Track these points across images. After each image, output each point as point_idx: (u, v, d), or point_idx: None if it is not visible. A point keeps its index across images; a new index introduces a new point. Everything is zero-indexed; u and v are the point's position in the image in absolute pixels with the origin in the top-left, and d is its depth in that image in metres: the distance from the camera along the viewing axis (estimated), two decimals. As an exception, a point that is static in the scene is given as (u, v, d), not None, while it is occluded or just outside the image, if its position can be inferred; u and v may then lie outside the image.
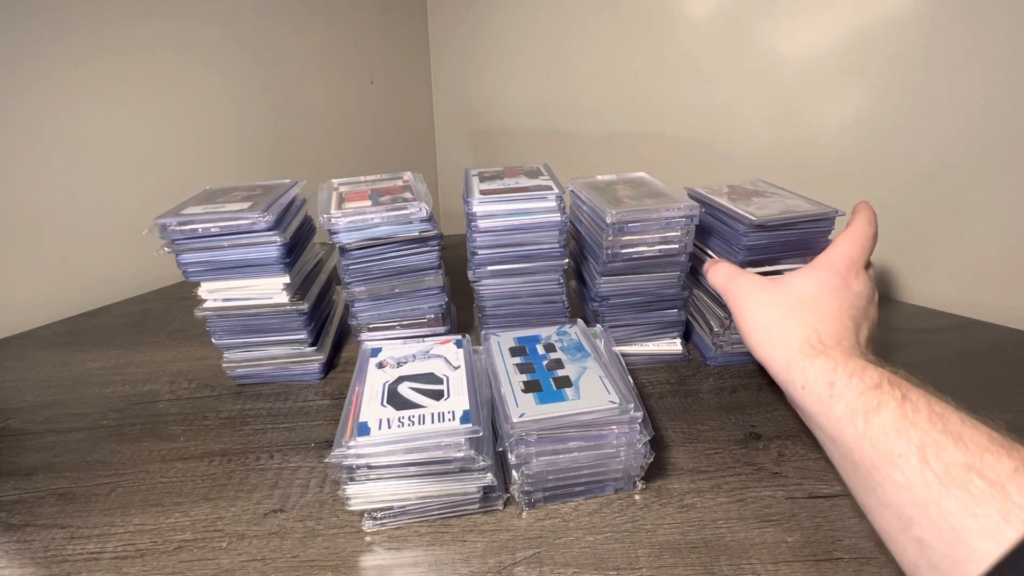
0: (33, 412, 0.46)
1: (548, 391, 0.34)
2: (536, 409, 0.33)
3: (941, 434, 0.24)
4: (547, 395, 0.34)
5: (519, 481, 0.33)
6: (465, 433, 0.32)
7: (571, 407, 0.33)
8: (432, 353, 0.39)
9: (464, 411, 0.33)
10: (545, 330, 0.42)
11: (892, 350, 0.52)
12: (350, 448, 0.31)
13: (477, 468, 0.33)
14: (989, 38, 0.53)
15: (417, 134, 1.16)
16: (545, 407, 0.33)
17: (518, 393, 0.34)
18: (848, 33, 0.61)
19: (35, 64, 0.59)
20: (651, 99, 0.83)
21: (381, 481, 0.32)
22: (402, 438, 0.32)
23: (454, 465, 0.32)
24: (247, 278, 0.45)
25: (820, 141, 0.67)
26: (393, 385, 0.36)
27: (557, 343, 0.40)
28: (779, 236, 0.44)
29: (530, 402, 0.33)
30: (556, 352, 0.39)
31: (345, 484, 0.32)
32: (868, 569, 0.30)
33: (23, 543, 0.33)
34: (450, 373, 0.37)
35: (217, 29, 0.76)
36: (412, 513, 0.34)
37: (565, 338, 0.41)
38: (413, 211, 0.43)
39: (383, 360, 0.39)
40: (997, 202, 0.57)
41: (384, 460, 0.32)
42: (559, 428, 0.32)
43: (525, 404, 0.33)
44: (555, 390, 0.34)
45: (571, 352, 0.38)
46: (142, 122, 0.69)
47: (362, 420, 0.32)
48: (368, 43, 1.00)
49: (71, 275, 0.65)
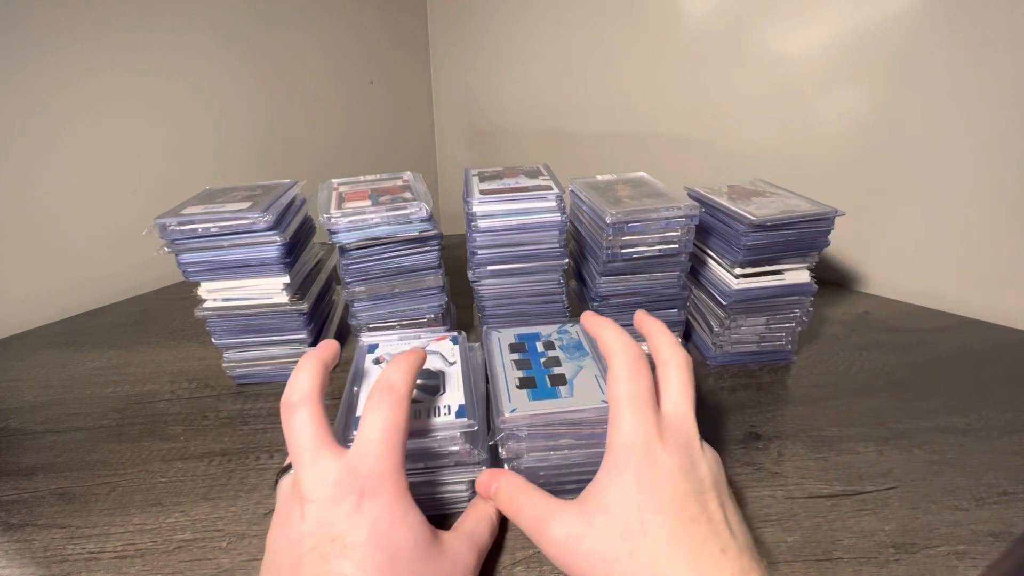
0: (33, 412, 0.46)
1: (542, 388, 0.34)
2: (528, 405, 0.33)
3: None
4: (540, 392, 0.34)
5: None
6: (461, 427, 0.32)
7: (563, 404, 0.33)
8: (428, 349, 0.39)
9: (460, 405, 0.33)
10: (546, 328, 0.42)
11: (892, 350, 0.52)
12: (348, 442, 0.31)
13: (472, 462, 0.33)
14: (989, 38, 0.53)
15: (417, 134, 1.16)
16: (537, 403, 0.33)
17: (512, 389, 0.34)
18: (848, 33, 0.61)
19: (35, 65, 0.59)
20: (651, 99, 0.83)
21: None
22: None
23: (450, 459, 0.32)
24: (247, 278, 0.45)
25: (820, 141, 0.67)
26: None
27: (556, 341, 0.40)
28: (779, 236, 0.44)
29: (523, 398, 0.33)
30: (555, 350, 0.39)
31: None
32: (868, 569, 0.30)
33: (23, 543, 0.33)
34: (446, 369, 0.37)
35: (217, 29, 0.76)
36: None
37: (565, 336, 0.41)
38: (413, 211, 0.43)
39: (380, 356, 0.39)
40: (997, 202, 0.57)
41: None
42: (549, 424, 0.32)
43: (518, 399, 0.33)
44: (549, 387, 0.34)
45: (570, 351, 0.38)
46: (142, 122, 0.69)
47: (358, 415, 0.32)
48: (368, 43, 1.00)
49: (71, 275, 0.65)
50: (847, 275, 0.68)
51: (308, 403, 0.28)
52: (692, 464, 0.28)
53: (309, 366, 0.29)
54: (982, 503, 0.34)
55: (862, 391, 0.46)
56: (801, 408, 0.44)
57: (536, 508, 0.29)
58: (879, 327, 0.57)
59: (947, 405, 0.43)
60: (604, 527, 0.26)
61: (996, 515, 0.33)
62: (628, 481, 0.27)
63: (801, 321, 0.48)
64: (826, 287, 0.58)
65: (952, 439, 0.40)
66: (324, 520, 0.25)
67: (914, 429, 0.41)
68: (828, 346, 0.53)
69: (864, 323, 0.58)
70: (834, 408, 0.44)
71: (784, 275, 0.47)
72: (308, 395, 0.28)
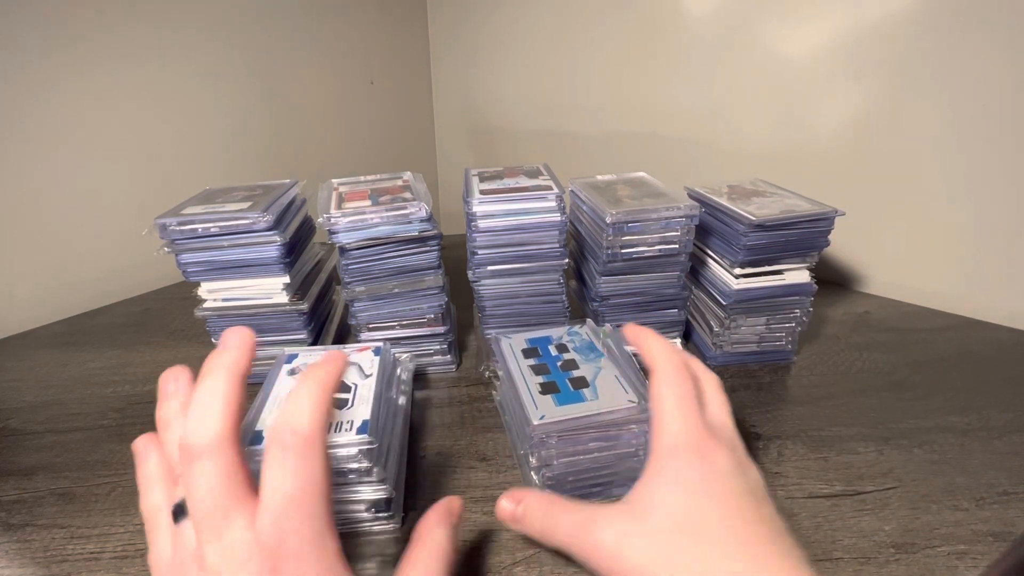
0: (33, 412, 0.46)
1: (566, 392, 0.34)
2: (556, 411, 0.32)
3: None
4: (565, 396, 0.34)
5: (540, 484, 0.33)
6: (360, 444, 0.31)
7: (591, 407, 0.32)
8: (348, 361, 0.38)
9: (364, 421, 0.32)
10: (555, 331, 0.42)
11: (892, 350, 0.52)
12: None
13: (372, 480, 0.31)
14: (989, 38, 0.53)
15: (417, 134, 1.16)
16: (565, 408, 0.33)
17: (536, 395, 0.34)
18: (848, 33, 0.61)
19: (35, 65, 0.59)
20: (651, 99, 0.83)
21: None
22: None
23: (348, 477, 0.31)
24: (247, 278, 0.45)
25: (820, 141, 0.67)
26: None
27: (569, 343, 0.40)
28: (779, 236, 0.44)
29: (549, 404, 0.33)
30: (569, 352, 0.38)
31: None
32: (868, 569, 0.30)
33: (23, 543, 0.33)
34: (360, 381, 0.36)
35: (217, 29, 0.76)
36: None
37: (576, 338, 0.40)
38: (413, 211, 0.43)
39: (296, 367, 0.37)
40: (997, 202, 0.56)
41: None
42: (580, 429, 0.32)
43: (545, 406, 0.33)
44: (572, 391, 0.34)
45: (584, 352, 0.38)
46: (142, 122, 0.69)
47: (258, 429, 0.31)
48: (368, 43, 1.00)
49: (71, 275, 0.65)
50: (847, 275, 0.68)
51: (215, 450, 0.21)
52: (742, 468, 0.27)
53: (217, 389, 0.22)
54: (982, 503, 0.34)
55: (862, 391, 0.46)
56: (801, 408, 0.44)
57: (575, 517, 0.27)
58: (879, 327, 0.57)
59: (947, 405, 0.43)
60: (658, 523, 0.25)
61: (996, 515, 0.33)
62: (680, 478, 0.26)
63: (801, 321, 0.48)
64: (826, 287, 0.58)
65: (952, 439, 0.40)
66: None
67: (914, 429, 0.41)
68: (828, 346, 0.53)
69: (864, 323, 0.58)
70: (834, 408, 0.44)
71: (784, 275, 0.47)
72: (215, 438, 0.21)
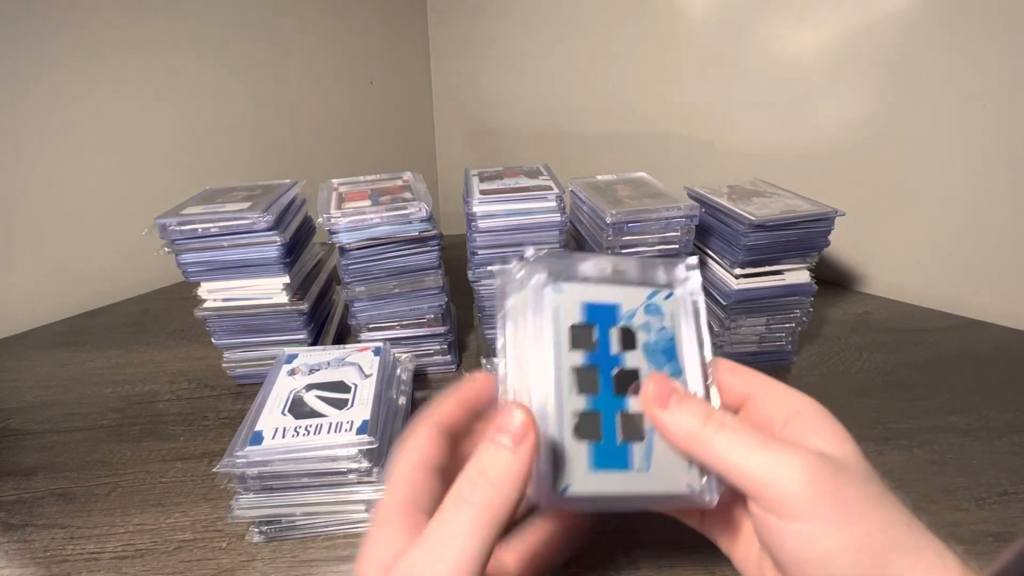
0: (33, 412, 0.46)
1: (609, 442, 0.22)
2: (587, 479, 0.22)
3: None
4: (606, 451, 0.22)
5: None
6: (359, 444, 0.31)
7: (634, 482, 0.22)
8: (347, 361, 0.38)
9: (363, 421, 0.32)
10: (630, 298, 0.25)
11: (893, 350, 0.52)
12: (238, 458, 0.30)
13: (372, 480, 0.31)
14: (989, 38, 0.53)
15: (417, 134, 1.16)
16: (601, 476, 0.22)
17: (568, 439, 0.22)
18: (848, 33, 0.61)
19: (35, 64, 0.59)
20: (651, 99, 0.83)
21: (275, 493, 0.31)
22: (292, 448, 0.31)
23: (351, 476, 0.31)
24: (247, 278, 0.45)
25: (820, 141, 0.67)
26: (300, 393, 0.35)
27: (641, 330, 0.25)
28: (779, 236, 0.44)
29: (581, 462, 0.22)
30: (635, 349, 0.24)
31: (237, 495, 0.32)
32: (868, 569, 0.30)
33: (23, 543, 0.33)
34: (360, 382, 0.36)
35: (217, 29, 0.76)
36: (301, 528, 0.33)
37: (655, 321, 0.25)
38: (413, 211, 0.43)
39: (296, 367, 0.38)
40: (997, 202, 0.56)
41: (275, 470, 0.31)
42: (613, 512, 0.23)
43: (573, 465, 0.22)
44: (619, 443, 0.23)
45: (656, 356, 0.24)
46: (142, 122, 0.69)
47: (257, 429, 0.32)
48: (368, 43, 1.00)
49: (71, 275, 0.65)
50: (847, 275, 0.68)
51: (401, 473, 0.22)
52: None
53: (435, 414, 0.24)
54: (982, 503, 0.34)
55: (862, 391, 0.46)
56: (801, 408, 0.44)
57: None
58: (879, 327, 0.57)
59: (947, 405, 0.43)
60: None
61: (996, 515, 0.33)
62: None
63: (801, 321, 0.48)
64: (826, 287, 0.58)
65: (952, 439, 0.40)
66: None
67: (914, 429, 0.41)
68: (828, 346, 0.53)
69: (864, 323, 0.58)
70: (834, 408, 0.43)
71: (784, 275, 0.47)
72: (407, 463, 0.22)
